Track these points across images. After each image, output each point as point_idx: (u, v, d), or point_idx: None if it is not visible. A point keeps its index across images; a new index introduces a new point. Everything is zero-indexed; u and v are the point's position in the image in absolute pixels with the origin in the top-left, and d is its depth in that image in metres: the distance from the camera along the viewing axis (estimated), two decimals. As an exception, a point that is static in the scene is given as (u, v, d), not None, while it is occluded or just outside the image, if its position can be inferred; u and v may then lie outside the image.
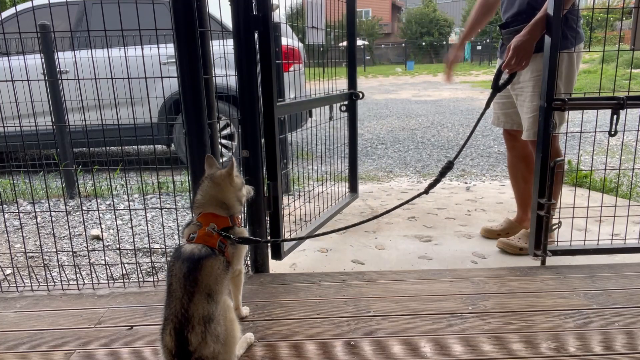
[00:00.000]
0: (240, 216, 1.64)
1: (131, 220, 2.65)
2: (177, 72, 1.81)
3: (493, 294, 1.94)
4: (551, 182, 2.11)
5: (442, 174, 1.91)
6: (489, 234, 2.71)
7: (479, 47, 29.85)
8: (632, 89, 10.93)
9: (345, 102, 3.08)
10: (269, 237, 2.22)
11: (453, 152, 5.77)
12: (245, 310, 1.82)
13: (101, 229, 3.02)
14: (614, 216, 2.41)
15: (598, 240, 2.31)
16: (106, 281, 2.15)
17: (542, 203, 2.13)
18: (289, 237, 2.38)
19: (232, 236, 1.50)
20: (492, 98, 2.14)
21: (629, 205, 2.41)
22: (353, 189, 3.33)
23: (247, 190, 1.67)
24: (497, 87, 2.16)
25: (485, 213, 3.16)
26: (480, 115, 2.06)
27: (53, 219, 3.28)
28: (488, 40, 28.64)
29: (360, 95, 3.10)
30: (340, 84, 3.05)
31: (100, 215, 3.39)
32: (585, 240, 2.31)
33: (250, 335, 1.65)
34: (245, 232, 1.63)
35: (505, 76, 2.19)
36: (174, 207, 3.31)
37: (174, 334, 1.29)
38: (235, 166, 1.56)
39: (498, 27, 2.44)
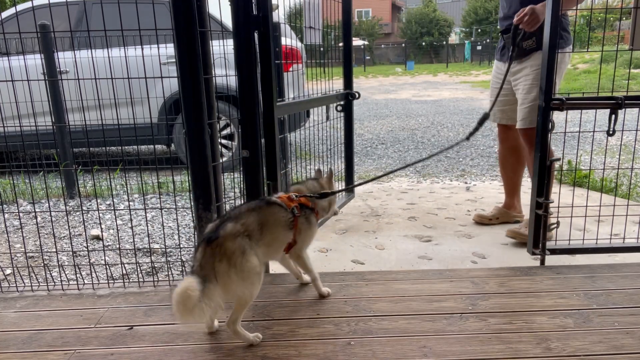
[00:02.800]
0: (320, 215, 1.90)
1: (131, 220, 2.65)
2: (177, 72, 1.81)
3: (493, 294, 1.94)
4: (549, 181, 2.12)
5: (481, 123, 2.20)
6: (481, 219, 2.97)
7: (479, 47, 29.83)
8: (631, 88, 10.93)
9: (342, 102, 3.09)
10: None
11: (453, 151, 5.77)
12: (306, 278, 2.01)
13: (101, 229, 3.02)
14: (613, 215, 2.41)
15: (597, 239, 2.31)
16: (106, 281, 2.15)
17: (540, 202, 2.13)
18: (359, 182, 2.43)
19: (310, 195, 1.81)
20: (513, 55, 2.40)
21: (627, 205, 2.41)
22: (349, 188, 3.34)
23: (333, 209, 1.99)
24: (514, 44, 2.40)
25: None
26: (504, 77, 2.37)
27: (53, 219, 3.28)
28: (488, 41, 28.63)
29: (357, 95, 3.12)
30: (338, 84, 3.06)
31: (100, 215, 3.39)
32: (584, 240, 2.32)
33: (257, 334, 1.64)
34: (314, 231, 1.86)
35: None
36: (174, 207, 3.31)
37: (220, 223, 1.55)
38: (333, 177, 2.01)
39: (500, 33, 2.69)
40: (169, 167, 4.03)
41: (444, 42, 36.07)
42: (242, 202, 1.94)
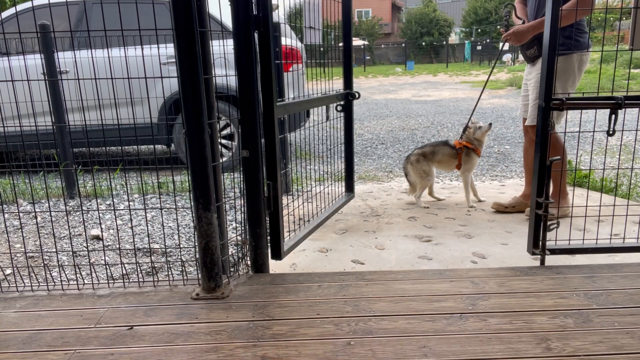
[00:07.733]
0: (480, 151, 3.30)
1: (131, 220, 2.65)
2: (177, 72, 1.81)
3: (493, 294, 1.94)
4: (548, 181, 2.12)
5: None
6: (498, 207, 3.17)
7: (479, 47, 29.84)
8: (631, 88, 10.93)
9: (342, 102, 3.09)
10: (268, 237, 2.22)
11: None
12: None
13: (101, 229, 3.02)
14: (613, 215, 2.41)
15: (597, 239, 2.31)
16: (106, 281, 2.15)
17: (540, 202, 2.13)
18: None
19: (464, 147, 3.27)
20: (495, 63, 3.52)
21: (627, 205, 2.41)
22: (349, 188, 3.33)
23: (482, 131, 3.29)
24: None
25: (485, 213, 3.17)
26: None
27: (53, 219, 3.28)
28: (488, 41, 28.64)
29: (357, 95, 3.13)
30: (338, 84, 3.06)
31: (100, 215, 3.40)
32: (584, 240, 2.31)
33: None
34: (474, 162, 3.33)
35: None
36: (174, 207, 3.31)
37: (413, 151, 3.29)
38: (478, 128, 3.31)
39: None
40: (169, 167, 4.03)
41: (444, 42, 36.06)
42: (242, 202, 1.97)
